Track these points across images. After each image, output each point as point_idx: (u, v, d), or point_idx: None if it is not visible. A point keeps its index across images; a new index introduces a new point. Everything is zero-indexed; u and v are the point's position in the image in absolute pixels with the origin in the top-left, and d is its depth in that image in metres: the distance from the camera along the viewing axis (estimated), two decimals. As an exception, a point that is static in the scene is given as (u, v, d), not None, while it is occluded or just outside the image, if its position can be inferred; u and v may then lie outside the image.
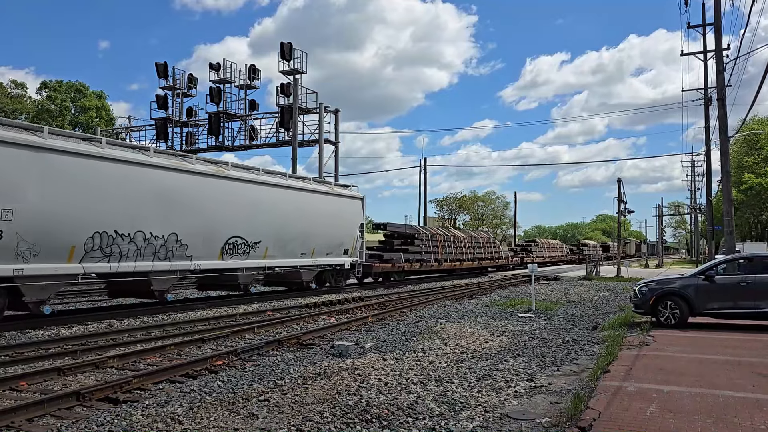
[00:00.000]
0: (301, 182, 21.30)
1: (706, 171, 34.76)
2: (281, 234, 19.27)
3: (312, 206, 20.94)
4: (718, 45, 22.05)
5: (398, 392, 6.88)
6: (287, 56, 33.79)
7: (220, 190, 16.97)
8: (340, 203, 22.89)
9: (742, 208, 55.72)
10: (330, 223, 21.70)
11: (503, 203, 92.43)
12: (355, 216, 23.83)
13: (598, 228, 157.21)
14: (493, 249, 40.83)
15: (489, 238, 41.63)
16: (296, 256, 20.23)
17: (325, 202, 21.93)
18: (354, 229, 23.50)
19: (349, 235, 23.07)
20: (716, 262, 13.33)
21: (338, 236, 22.41)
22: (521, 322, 13.66)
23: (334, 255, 22.34)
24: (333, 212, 22.05)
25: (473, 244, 37.46)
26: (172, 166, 15.54)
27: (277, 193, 19.44)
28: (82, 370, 8.56)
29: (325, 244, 21.61)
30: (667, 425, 5.49)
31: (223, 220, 16.93)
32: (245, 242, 17.80)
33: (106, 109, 60.38)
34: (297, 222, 19.98)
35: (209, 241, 16.48)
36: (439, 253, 32.30)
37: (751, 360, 8.77)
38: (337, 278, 23.42)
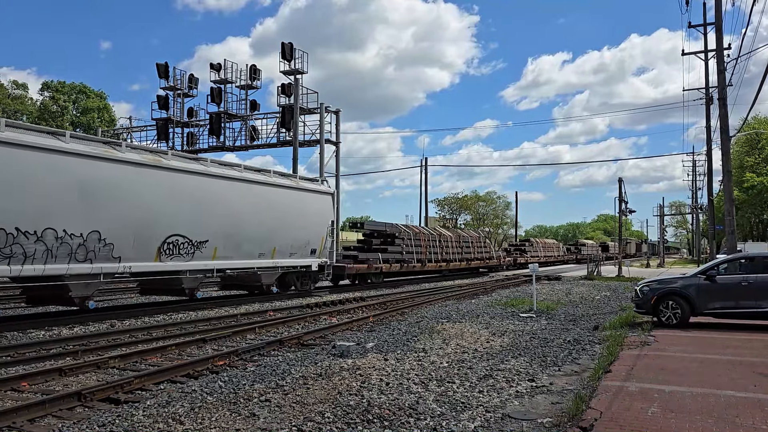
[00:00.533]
0: (260, 175, 19.16)
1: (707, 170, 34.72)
2: (234, 232, 17.36)
3: (272, 202, 18.97)
4: (719, 44, 22.03)
5: (399, 392, 6.88)
6: (288, 56, 33.82)
7: (157, 182, 14.99)
8: (306, 199, 20.86)
9: (744, 208, 55.64)
10: (294, 220, 19.84)
11: (504, 203, 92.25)
12: (325, 213, 21.76)
13: (600, 228, 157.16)
14: (483, 249, 39.29)
15: (479, 238, 40.10)
16: (253, 257, 18.30)
17: (289, 197, 19.90)
18: (323, 228, 21.51)
19: (316, 234, 21.11)
20: (717, 261, 13.31)
21: (304, 235, 20.48)
22: (522, 322, 13.66)
23: (299, 256, 20.37)
24: (298, 209, 20.11)
25: (462, 244, 35.84)
26: (95, 154, 13.48)
27: (230, 186, 17.38)
28: (83, 370, 8.57)
29: (288, 244, 19.72)
30: (668, 425, 5.48)
31: (160, 217, 15.01)
32: (188, 241, 15.86)
33: (107, 110, 60.48)
34: (254, 219, 18.08)
35: (142, 241, 14.59)
36: (423, 253, 30.78)
37: (753, 360, 8.76)
38: (303, 281, 21.51)
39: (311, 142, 35.64)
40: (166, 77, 38.73)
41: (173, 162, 15.75)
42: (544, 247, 57.25)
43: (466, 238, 37.17)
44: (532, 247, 52.98)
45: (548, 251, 57.48)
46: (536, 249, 53.67)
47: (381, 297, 20.92)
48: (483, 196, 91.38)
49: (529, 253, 50.45)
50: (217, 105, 37.68)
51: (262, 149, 41.01)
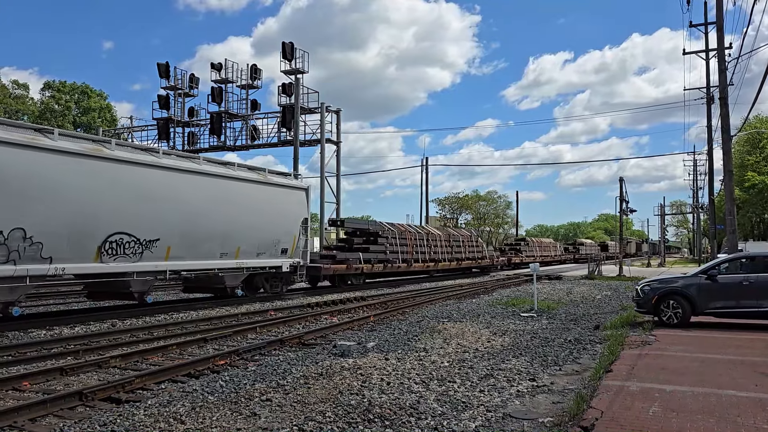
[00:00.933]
0: (222, 168, 17.60)
1: (708, 170, 34.65)
2: (191, 230, 15.80)
3: (236, 197, 17.42)
4: (720, 44, 22.01)
5: (400, 392, 6.88)
6: (289, 56, 33.83)
7: (96, 174, 13.46)
8: (276, 194, 19.27)
9: (745, 207, 55.61)
10: (261, 217, 18.29)
11: (505, 202, 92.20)
12: (297, 209, 20.16)
13: (600, 227, 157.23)
14: (475, 248, 37.64)
15: (470, 236, 38.26)
16: (214, 258, 16.78)
17: (256, 192, 18.36)
18: (295, 226, 19.98)
19: (288, 233, 19.58)
20: (719, 261, 13.30)
21: (273, 233, 18.91)
22: (523, 322, 13.65)
23: (268, 256, 18.86)
24: (266, 205, 18.58)
25: (452, 243, 34.25)
26: (18, 142, 12.01)
27: (185, 180, 15.80)
28: (84, 369, 8.58)
29: (254, 243, 18.22)
30: (669, 425, 5.48)
31: (100, 213, 13.51)
32: (135, 240, 14.35)
33: (109, 110, 60.57)
34: (214, 216, 16.52)
35: (79, 239, 13.10)
36: (409, 252, 29.26)
37: (754, 359, 8.75)
38: (273, 283, 20.00)
39: (312, 142, 35.65)
40: (166, 77, 38.76)
41: (117, 152, 14.15)
42: (541, 247, 55.59)
43: (456, 237, 35.65)
44: (528, 247, 51.42)
45: (545, 251, 55.87)
46: (532, 248, 52.11)
47: (382, 296, 20.92)
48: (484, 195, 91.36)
49: (525, 253, 48.96)
50: (217, 105, 37.71)
51: (262, 149, 41.15)
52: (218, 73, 37.53)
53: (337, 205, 36.38)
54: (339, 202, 36.51)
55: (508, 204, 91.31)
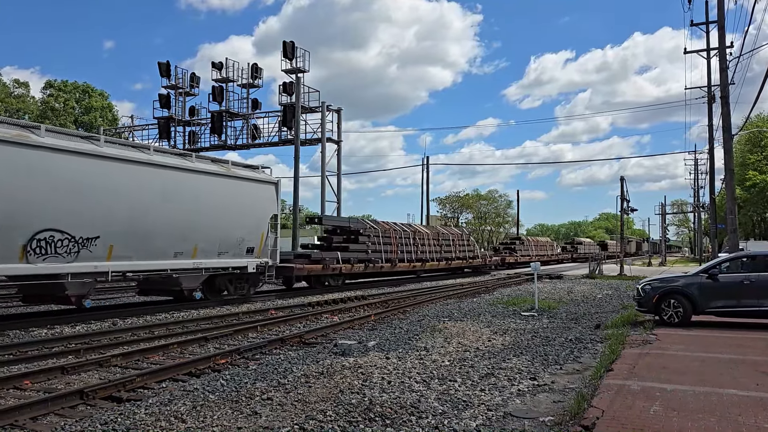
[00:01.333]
0: (175, 159, 16.02)
1: (709, 169, 34.63)
2: (138, 227, 14.32)
3: (193, 191, 15.88)
4: (722, 43, 21.98)
5: (401, 391, 6.88)
6: (290, 55, 33.82)
7: (20, 164, 12.05)
8: (240, 188, 17.68)
9: (746, 206, 55.57)
10: (223, 213, 16.75)
11: (506, 202, 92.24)
12: (266, 205, 18.59)
13: (601, 226, 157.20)
14: (466, 247, 36.15)
15: (461, 235, 36.80)
16: (167, 257, 15.26)
17: (217, 186, 16.77)
18: (262, 223, 18.43)
19: (254, 230, 18.00)
20: (719, 260, 13.28)
21: (237, 231, 17.38)
22: (524, 321, 13.65)
23: (232, 255, 17.33)
24: (228, 200, 16.99)
25: (440, 242, 32.81)
26: None
27: (131, 171, 14.25)
28: (85, 368, 8.59)
29: (215, 242, 16.64)
30: (670, 424, 5.48)
31: (24, 207, 12.13)
32: (70, 238, 12.93)
33: (110, 109, 60.62)
34: (167, 212, 15.03)
35: None
36: (393, 251, 27.86)
37: (755, 358, 8.75)
38: (238, 285, 18.38)
39: (313, 141, 35.64)
40: (167, 76, 38.77)
41: (48, 140, 12.74)
42: (537, 246, 54.08)
43: (445, 235, 34.14)
44: (523, 246, 49.90)
45: (541, 250, 54.19)
46: (528, 248, 50.61)
47: (382, 296, 20.93)
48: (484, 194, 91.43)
49: (520, 253, 47.51)
50: (218, 104, 37.71)
51: (263, 148, 41.11)
52: (219, 72, 37.53)
53: (338, 205, 36.38)
54: (340, 201, 36.51)
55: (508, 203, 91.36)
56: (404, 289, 24.10)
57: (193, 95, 40.34)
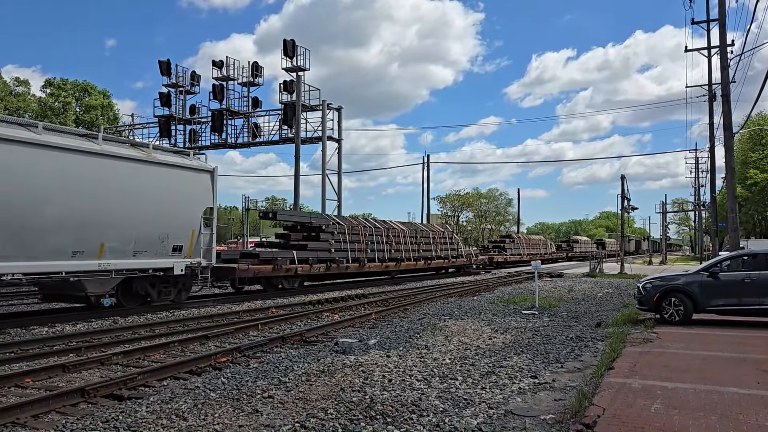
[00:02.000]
0: (74, 140, 13.45)
1: (710, 168, 34.62)
2: (21, 221, 12.04)
3: (98, 178, 13.53)
4: (723, 41, 21.96)
5: (402, 389, 6.89)
6: (290, 53, 33.80)
7: None
8: (163, 176, 15.21)
9: (747, 205, 55.56)
10: (140, 206, 14.46)
11: (506, 200, 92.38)
12: (197, 196, 16.16)
13: (602, 225, 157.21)
14: (449, 245, 33.67)
15: (443, 233, 34.25)
16: (63, 257, 12.88)
17: (131, 173, 14.35)
18: (194, 217, 15.96)
19: (183, 225, 15.60)
20: (720, 258, 13.28)
21: (159, 226, 14.96)
22: (525, 319, 13.66)
23: (152, 255, 14.87)
24: (147, 189, 14.69)
25: (419, 240, 30.40)
26: None
27: (12, 154, 11.89)
28: (86, 366, 8.59)
29: (128, 238, 14.22)
30: (671, 422, 5.48)
31: None
32: None
33: (111, 108, 60.60)
34: (62, 202, 12.77)
35: None
36: (362, 250, 25.36)
37: (756, 357, 8.75)
38: (164, 289, 15.90)
39: (313, 139, 35.61)
40: (168, 74, 38.74)
41: None
42: (529, 244, 51.14)
43: (425, 232, 31.77)
44: (513, 244, 46.92)
45: (533, 248, 51.26)
46: (518, 246, 47.75)
47: (383, 294, 20.93)
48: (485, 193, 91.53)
49: (510, 251, 44.95)
50: (219, 102, 37.68)
51: (264, 146, 41.05)
52: (219, 71, 37.50)
53: (338, 203, 36.38)
54: (340, 200, 36.51)
55: (509, 201, 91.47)
56: (404, 288, 24.10)
57: (194, 94, 40.31)
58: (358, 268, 25.03)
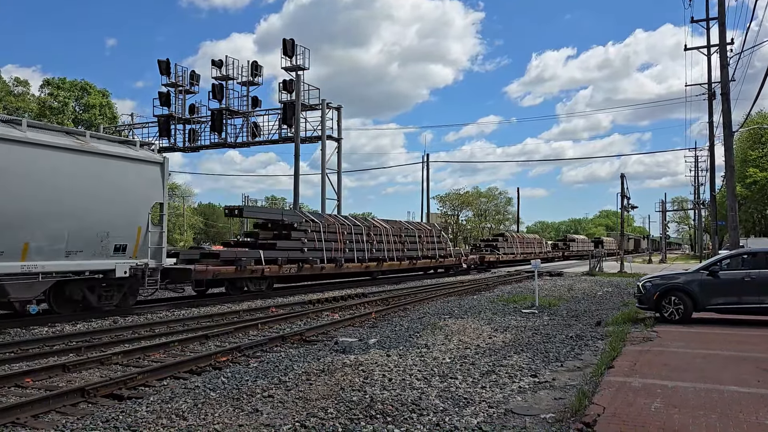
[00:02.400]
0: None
1: (709, 166, 34.64)
2: None
3: (22, 169, 12.29)
4: (722, 39, 21.95)
5: (402, 388, 6.89)
6: (289, 53, 33.77)
7: None
8: (102, 168, 13.73)
9: (747, 203, 55.59)
10: (74, 200, 13.17)
11: (506, 199, 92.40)
12: (144, 190, 14.75)
13: (601, 223, 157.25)
14: (437, 245, 32.24)
15: (431, 231, 32.72)
16: None
17: (63, 163, 13.05)
18: (140, 213, 14.54)
19: (127, 223, 14.21)
20: (720, 257, 13.29)
21: (97, 223, 13.52)
22: (524, 318, 13.66)
23: (89, 255, 13.38)
24: (83, 182, 13.31)
25: (403, 239, 28.99)
26: None
27: None
28: (86, 366, 8.59)
29: (59, 237, 12.87)
30: (671, 420, 5.48)
31: None
32: None
33: (109, 107, 60.55)
34: None
35: None
36: (340, 249, 24.02)
37: (756, 355, 8.75)
38: (105, 294, 14.37)
39: (313, 139, 35.59)
40: (167, 74, 38.70)
41: None
42: (523, 243, 49.35)
43: (411, 231, 30.23)
44: (506, 243, 45.14)
45: (528, 248, 49.58)
46: (512, 245, 46.06)
47: (383, 293, 20.93)
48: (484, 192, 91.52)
49: (502, 250, 43.28)
50: (218, 101, 37.65)
51: (263, 145, 41.05)
52: (219, 70, 37.47)
53: (338, 203, 36.37)
54: (340, 199, 36.50)
55: (508, 200, 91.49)
56: (405, 287, 24.09)
57: (193, 93, 40.27)
58: (334, 269, 23.58)
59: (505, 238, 46.71)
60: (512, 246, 46.24)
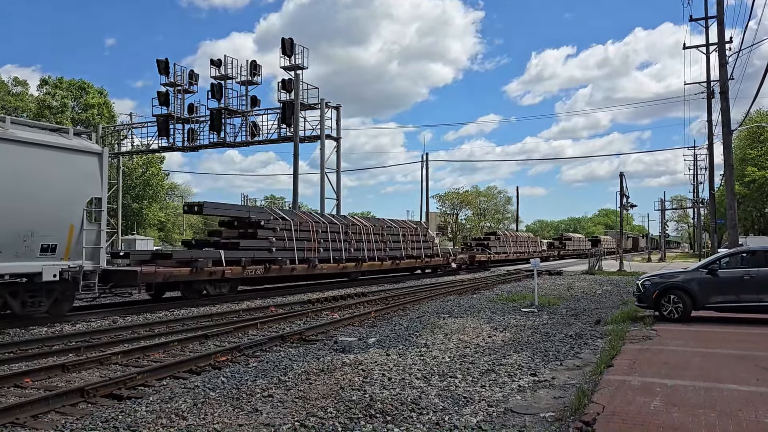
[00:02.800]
0: None
1: (708, 165, 34.69)
2: None
3: None
4: (721, 38, 21.95)
5: (402, 387, 6.89)
6: (288, 52, 33.76)
7: None
8: (26, 158, 12.23)
9: (745, 202, 55.58)
10: None
11: (505, 198, 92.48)
12: (77, 184, 13.25)
13: (601, 222, 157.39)
14: (422, 244, 30.71)
15: (416, 229, 31.00)
16: None
17: None
18: (73, 209, 13.08)
19: (55, 220, 12.72)
20: (719, 256, 13.30)
21: (18, 221, 12.03)
22: (524, 317, 13.66)
23: (10, 257, 11.93)
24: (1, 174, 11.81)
25: (385, 237, 27.44)
26: None
27: None
28: (86, 366, 8.59)
29: None
30: (671, 419, 5.48)
31: None
32: None
33: (108, 106, 60.48)
34: None
35: None
36: (314, 249, 22.46)
37: (756, 354, 8.76)
38: (30, 300, 12.89)
39: (312, 138, 35.57)
40: (166, 73, 38.67)
41: None
42: (516, 242, 47.27)
43: (394, 229, 28.44)
44: (498, 242, 43.11)
45: (521, 246, 47.58)
46: (504, 244, 44.08)
47: (382, 292, 20.93)
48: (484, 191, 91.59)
49: (494, 249, 41.33)
50: (217, 101, 37.61)
51: (262, 145, 40.94)
52: (217, 70, 37.43)
53: (337, 202, 36.35)
54: (339, 198, 36.47)
55: (508, 199, 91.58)
56: (404, 286, 24.10)
57: (192, 93, 40.23)
58: (307, 270, 21.82)
59: (498, 236, 44.77)
60: (505, 245, 44.54)
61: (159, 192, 65.46)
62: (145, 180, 62.45)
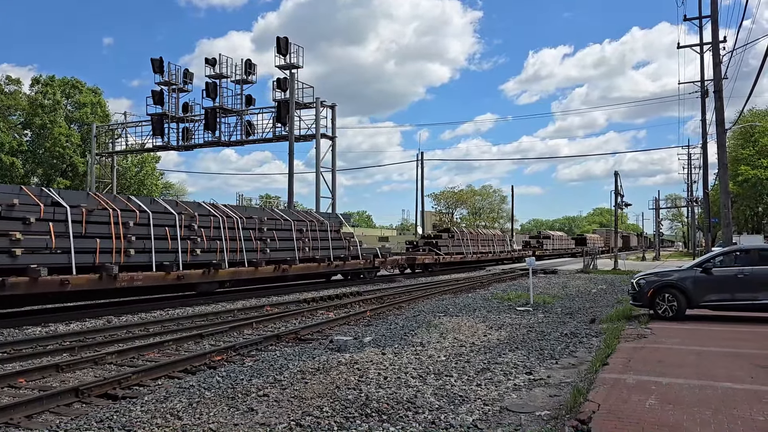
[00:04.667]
0: None
1: (702, 164, 34.84)
2: None
3: None
4: (715, 37, 22.03)
5: (397, 386, 6.88)
6: (283, 51, 33.74)
7: None
8: None
9: (739, 201, 55.83)
10: None
11: (500, 197, 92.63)
12: None
13: (595, 221, 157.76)
14: (331, 242, 23.84)
15: (324, 224, 24.12)
16: None
17: None
18: None
19: None
20: (713, 254, 13.34)
21: None
22: (519, 316, 13.68)
23: None
24: None
25: (264, 234, 20.19)
26: None
27: None
28: (80, 366, 8.54)
29: None
30: (666, 417, 5.50)
31: None
32: None
33: (101, 105, 60.14)
34: None
35: None
36: (121, 250, 14.66)
37: (750, 351, 8.80)
38: None
39: (307, 137, 35.56)
40: (161, 72, 38.58)
41: None
42: (476, 240, 40.01)
43: (280, 223, 21.36)
44: (452, 240, 36.22)
45: (483, 246, 40.83)
46: (459, 242, 36.99)
47: (378, 291, 20.92)
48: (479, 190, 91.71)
49: (444, 249, 34.49)
50: (212, 100, 37.55)
51: (258, 144, 40.91)
52: (212, 69, 37.36)
53: (332, 201, 36.33)
54: (335, 197, 36.46)
55: (503, 198, 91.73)
56: (399, 285, 24.10)
57: (187, 92, 40.17)
58: (97, 283, 14.01)
59: (451, 234, 37.40)
60: (460, 244, 37.02)
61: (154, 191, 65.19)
62: (139, 179, 62.18)
